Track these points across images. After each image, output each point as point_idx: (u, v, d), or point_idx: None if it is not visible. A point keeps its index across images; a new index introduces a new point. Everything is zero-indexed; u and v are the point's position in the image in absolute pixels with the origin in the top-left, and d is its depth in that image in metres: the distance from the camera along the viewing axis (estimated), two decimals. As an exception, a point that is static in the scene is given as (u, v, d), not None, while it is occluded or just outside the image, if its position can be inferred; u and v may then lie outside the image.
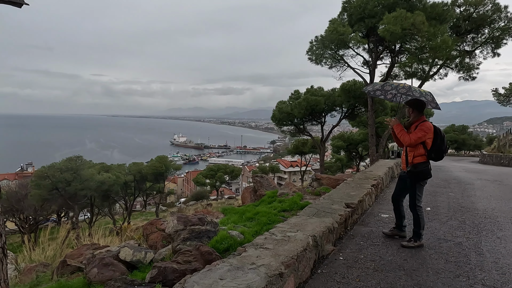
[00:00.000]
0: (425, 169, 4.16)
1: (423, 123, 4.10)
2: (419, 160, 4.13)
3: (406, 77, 19.57)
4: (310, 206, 5.12)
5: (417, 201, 4.32)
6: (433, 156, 4.14)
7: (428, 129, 4.05)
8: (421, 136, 4.04)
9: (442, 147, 4.10)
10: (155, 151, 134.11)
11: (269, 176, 66.44)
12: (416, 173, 4.18)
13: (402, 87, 4.29)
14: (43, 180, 26.07)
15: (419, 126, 4.09)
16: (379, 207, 6.30)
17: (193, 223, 5.96)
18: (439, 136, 4.09)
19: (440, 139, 4.09)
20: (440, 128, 4.19)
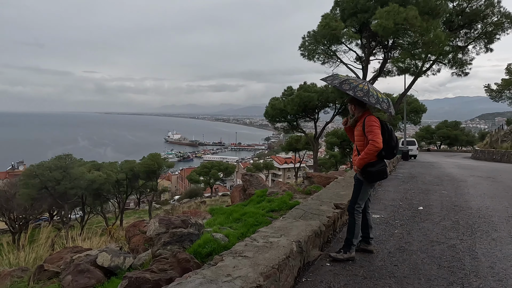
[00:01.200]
0: (381, 168, 3.64)
1: (369, 118, 3.62)
2: (371, 159, 3.65)
3: (399, 73, 19.42)
4: (297, 208, 4.87)
5: (357, 205, 3.76)
6: (383, 153, 3.63)
7: (374, 122, 3.58)
8: (376, 130, 3.54)
9: (391, 142, 3.63)
10: (149, 148, 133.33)
11: (260, 174, 66.56)
12: (372, 173, 3.63)
13: (360, 90, 3.51)
14: (31, 179, 25.57)
15: (367, 122, 3.60)
16: (370, 206, 6.05)
17: (176, 226, 5.69)
18: (386, 131, 3.62)
19: (388, 134, 3.62)
20: (386, 122, 3.72)
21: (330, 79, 3.85)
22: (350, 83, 3.61)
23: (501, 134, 31.55)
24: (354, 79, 3.74)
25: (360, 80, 3.77)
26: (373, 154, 3.58)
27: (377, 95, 3.64)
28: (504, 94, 32.84)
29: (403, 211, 5.82)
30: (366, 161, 3.64)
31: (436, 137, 55.70)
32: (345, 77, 3.77)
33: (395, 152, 3.72)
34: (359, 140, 3.74)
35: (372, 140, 3.55)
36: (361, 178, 3.75)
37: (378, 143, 3.51)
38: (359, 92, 3.54)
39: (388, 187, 8.08)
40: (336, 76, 3.92)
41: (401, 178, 9.98)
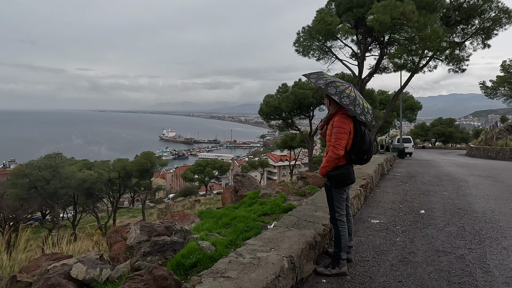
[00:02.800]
0: (344, 172, 3.25)
1: (340, 118, 3.21)
2: (337, 163, 3.27)
3: (395, 69, 19.06)
4: (290, 214, 4.46)
5: (337, 214, 3.38)
6: (353, 158, 3.26)
7: (343, 124, 3.17)
8: (340, 135, 3.15)
9: (363, 146, 3.21)
10: (143, 146, 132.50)
11: (255, 172, 65.92)
12: (333, 178, 3.27)
13: (346, 96, 3.09)
14: (20, 179, 24.93)
15: (335, 123, 3.21)
16: (369, 210, 5.68)
17: (159, 233, 5.25)
18: (358, 133, 3.21)
19: (359, 137, 3.20)
20: (362, 123, 3.25)
21: (314, 77, 3.39)
22: (336, 87, 3.18)
23: (496, 131, 31.45)
24: (340, 82, 3.27)
25: (346, 84, 3.29)
26: (334, 161, 3.24)
27: (363, 104, 3.24)
28: (499, 91, 32.71)
29: (403, 215, 5.44)
30: (328, 169, 3.29)
31: (431, 135, 55.72)
32: (331, 78, 3.32)
33: (366, 157, 3.28)
34: (329, 141, 3.32)
35: (333, 147, 3.20)
36: (327, 183, 3.41)
37: (338, 150, 3.17)
38: (346, 99, 3.12)
39: (387, 188, 7.70)
40: (321, 75, 3.42)
41: (399, 178, 9.63)
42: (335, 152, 3.17)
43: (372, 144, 3.33)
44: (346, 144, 3.21)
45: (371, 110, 3.36)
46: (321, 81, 3.29)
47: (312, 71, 3.56)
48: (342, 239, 3.33)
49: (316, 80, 3.34)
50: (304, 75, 3.51)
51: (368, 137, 3.28)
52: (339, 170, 3.26)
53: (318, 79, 3.34)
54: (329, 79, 3.30)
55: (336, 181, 3.28)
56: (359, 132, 3.23)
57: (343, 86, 3.21)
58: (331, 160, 3.23)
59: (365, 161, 3.33)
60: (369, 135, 3.35)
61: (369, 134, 3.34)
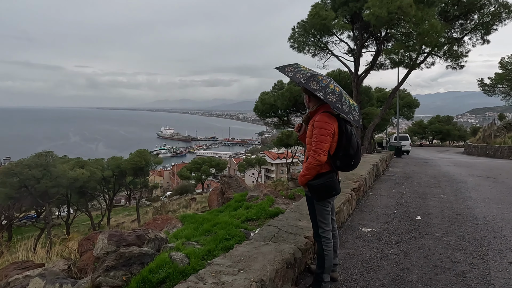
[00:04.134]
0: (326, 182, 2.76)
1: (322, 116, 2.72)
2: (319, 170, 2.77)
3: (393, 66, 18.58)
4: (269, 224, 3.98)
5: (320, 229, 2.89)
6: (338, 164, 2.78)
7: (326, 124, 2.68)
8: (322, 138, 2.67)
9: (350, 150, 2.72)
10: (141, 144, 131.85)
11: (250, 171, 65.31)
12: (314, 188, 2.77)
13: (331, 92, 2.63)
14: (10, 178, 24.35)
15: (316, 122, 2.72)
16: (360, 216, 5.22)
17: (129, 243, 4.77)
18: (344, 134, 2.72)
19: (346, 139, 2.71)
20: (348, 122, 2.76)
21: (290, 70, 2.84)
22: (319, 81, 2.68)
23: (494, 129, 31.08)
24: (321, 76, 2.77)
25: (327, 78, 2.78)
26: (315, 168, 2.74)
27: (348, 101, 2.75)
28: (497, 88, 32.35)
29: (398, 222, 4.98)
30: (308, 178, 2.79)
31: (428, 132, 55.41)
32: (310, 72, 2.81)
33: (353, 163, 2.80)
34: (309, 144, 2.81)
35: (314, 151, 2.71)
36: (308, 194, 2.92)
37: (320, 155, 2.68)
38: (331, 95, 2.63)
39: (381, 191, 7.23)
40: (298, 67, 2.88)
41: (395, 178, 9.17)
42: (316, 157, 2.68)
43: (360, 147, 2.85)
44: (329, 147, 2.72)
45: (357, 108, 2.88)
46: (299, 74, 2.76)
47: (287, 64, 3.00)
48: (326, 259, 2.85)
49: (293, 74, 2.79)
50: (277, 68, 2.93)
51: (355, 138, 2.79)
52: (321, 179, 2.77)
53: (296, 72, 2.80)
54: (308, 72, 2.80)
55: (318, 192, 2.78)
56: (345, 133, 2.73)
57: (326, 80, 2.72)
58: (312, 167, 2.74)
59: (352, 167, 2.85)
60: (357, 136, 2.86)
61: (356, 135, 2.85)
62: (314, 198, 2.84)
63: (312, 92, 2.66)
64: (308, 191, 2.87)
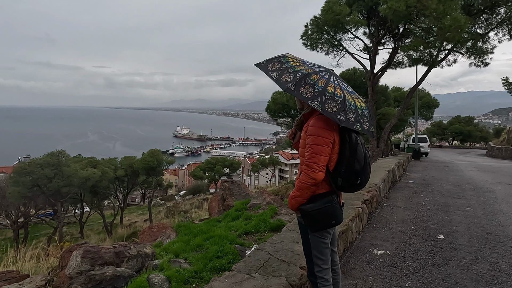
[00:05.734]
0: (324, 207, 2.08)
1: (317, 119, 2.06)
2: (315, 191, 2.10)
3: (411, 64, 17.58)
4: (259, 249, 3.35)
5: (316, 268, 2.21)
6: (339, 182, 2.09)
7: (322, 130, 2.02)
8: (318, 149, 2.01)
9: (354, 164, 2.05)
10: (157, 143, 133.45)
11: (263, 172, 64.87)
12: (308, 215, 2.10)
13: (330, 98, 1.96)
14: (22, 177, 24.53)
15: (310, 128, 2.07)
16: (372, 234, 4.52)
17: (105, 261, 4.23)
18: (348, 143, 2.06)
19: (350, 150, 2.06)
20: (352, 128, 2.02)
21: (274, 69, 2.09)
22: (312, 84, 1.98)
23: (520, 130, 29.46)
24: (316, 73, 2.05)
25: (323, 72, 2.07)
26: (309, 189, 2.06)
27: (355, 104, 2.06)
28: (524, 87, 30.64)
29: (416, 242, 4.26)
30: (300, 200, 2.11)
31: (448, 133, 53.43)
32: (301, 68, 2.06)
33: (360, 181, 2.10)
34: (303, 156, 2.14)
35: (307, 167, 2.04)
36: (301, 221, 2.23)
37: (315, 171, 2.01)
38: (330, 103, 1.95)
39: (397, 201, 6.48)
40: (285, 63, 2.12)
41: (412, 186, 8.37)
42: (310, 175, 2.02)
43: (368, 160, 2.14)
44: (327, 161, 2.06)
45: (366, 110, 2.18)
46: (287, 76, 2.03)
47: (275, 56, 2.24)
48: None
49: (278, 75, 2.04)
50: (258, 65, 2.18)
51: (362, 149, 2.10)
52: (317, 202, 2.09)
53: (282, 71, 2.06)
54: (299, 69, 2.07)
55: (313, 220, 2.10)
56: (349, 142, 2.06)
57: (323, 80, 2.01)
58: (305, 187, 2.05)
59: (358, 187, 2.15)
60: (364, 146, 2.16)
61: (363, 145, 2.15)
62: (309, 228, 2.17)
63: (305, 101, 1.97)
64: (300, 217, 2.20)
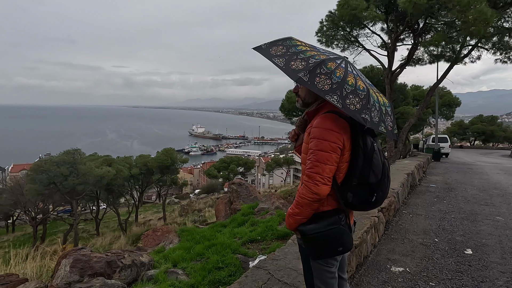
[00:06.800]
0: (329, 230, 1.63)
1: (322, 119, 1.61)
2: (318, 208, 1.67)
3: (432, 60, 16.78)
4: (259, 267, 2.94)
5: None
6: (349, 199, 1.64)
7: (329, 133, 1.57)
8: (322, 156, 1.57)
9: (369, 176, 1.61)
10: (173, 141, 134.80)
11: (278, 171, 64.60)
12: (308, 239, 1.67)
13: (352, 92, 1.51)
14: (39, 174, 24.92)
15: (313, 129, 1.62)
16: (390, 247, 4.04)
17: (95, 271, 3.92)
18: (361, 149, 1.61)
19: (365, 158, 1.61)
20: (368, 129, 1.62)
21: (280, 54, 1.60)
22: (330, 74, 1.51)
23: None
24: (331, 60, 1.57)
25: (340, 61, 1.60)
26: (310, 205, 1.61)
27: (378, 101, 1.62)
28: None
29: (441, 257, 3.77)
30: (299, 219, 1.66)
31: (469, 133, 51.55)
32: (313, 53, 1.59)
33: (376, 198, 1.64)
34: (304, 163, 1.68)
35: (308, 178, 1.60)
36: (301, 244, 1.79)
37: (318, 184, 1.57)
38: (353, 99, 1.50)
39: (417, 208, 5.94)
40: (293, 46, 1.64)
41: (434, 190, 7.78)
42: (312, 188, 1.58)
43: (388, 172, 1.67)
44: (335, 171, 1.62)
45: (390, 108, 1.73)
46: (297, 63, 1.55)
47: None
48: None
49: (286, 62, 1.56)
50: (256, 49, 1.66)
51: (380, 158, 1.64)
52: (320, 223, 1.64)
53: (291, 58, 1.57)
54: (310, 53, 1.59)
55: (315, 245, 1.66)
56: (363, 149, 1.61)
57: (340, 68, 1.55)
58: (305, 204, 1.61)
59: (373, 206, 1.68)
60: (383, 154, 1.69)
61: (382, 153, 1.68)
62: (310, 255, 1.74)
63: (322, 96, 1.49)
64: (300, 239, 1.75)
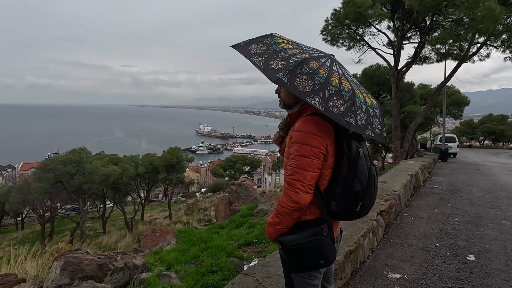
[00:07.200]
0: (310, 242, 1.49)
1: (304, 122, 1.49)
2: (299, 217, 1.53)
3: (439, 58, 16.48)
4: (247, 273, 2.83)
5: None
6: (333, 207, 1.50)
7: (311, 137, 1.44)
8: (302, 161, 1.44)
9: (355, 185, 1.47)
10: (181, 140, 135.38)
11: (283, 170, 65.58)
12: (288, 250, 1.53)
13: (335, 93, 1.39)
14: (46, 173, 25.18)
15: (294, 133, 1.50)
16: (388, 252, 3.91)
17: (86, 274, 3.85)
18: (345, 155, 1.48)
19: (349, 165, 1.48)
20: (360, 136, 1.54)
21: (259, 52, 1.49)
22: (312, 74, 1.39)
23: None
24: (313, 58, 1.45)
25: (324, 59, 1.48)
26: (290, 215, 1.48)
27: (364, 100, 1.50)
28: None
29: (441, 264, 3.62)
30: (279, 229, 1.52)
31: (479, 132, 50.77)
32: (294, 51, 1.48)
33: (361, 208, 1.51)
34: (286, 169, 1.56)
35: (288, 186, 1.47)
36: (282, 255, 1.64)
37: (298, 192, 1.44)
38: (336, 101, 1.37)
39: (420, 211, 5.78)
40: (273, 43, 1.53)
41: (438, 192, 7.59)
42: (292, 197, 1.45)
43: (374, 179, 1.53)
44: (318, 178, 1.49)
45: (378, 109, 1.59)
46: (277, 62, 1.43)
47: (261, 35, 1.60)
48: None
49: (265, 61, 1.45)
50: (235, 47, 1.56)
51: (366, 163, 1.50)
52: (301, 233, 1.50)
53: (270, 57, 1.46)
54: (291, 53, 1.46)
55: (294, 257, 1.53)
56: (348, 155, 1.48)
57: (323, 67, 1.43)
58: (285, 213, 1.48)
59: (358, 215, 1.55)
60: (369, 159, 1.55)
61: (368, 158, 1.54)
62: (290, 268, 1.61)
63: (302, 98, 1.37)
64: (281, 249, 1.60)
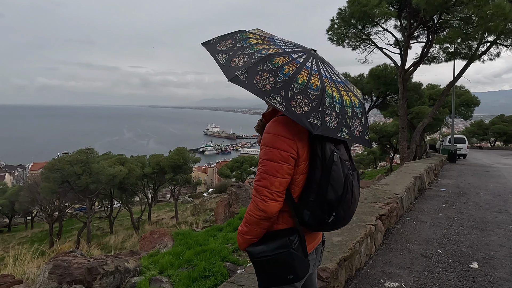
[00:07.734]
0: (278, 255, 1.34)
1: (274, 123, 1.33)
2: (270, 226, 1.39)
3: (447, 58, 16.14)
4: (232, 282, 2.71)
5: None
6: (306, 218, 1.33)
7: (280, 140, 1.29)
8: (270, 166, 1.29)
9: (328, 193, 1.28)
10: (188, 140, 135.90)
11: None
12: (255, 262, 1.41)
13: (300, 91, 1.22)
14: (53, 173, 25.41)
15: (265, 135, 1.34)
16: (387, 258, 3.75)
17: (75, 278, 3.77)
18: (320, 161, 1.30)
19: (322, 170, 1.29)
20: (334, 140, 1.33)
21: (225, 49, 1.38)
22: (275, 71, 1.24)
23: None
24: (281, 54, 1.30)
25: (296, 54, 1.33)
26: (258, 224, 1.35)
27: (340, 99, 1.33)
28: None
29: (442, 271, 3.45)
30: (248, 238, 1.40)
31: (490, 133, 49.86)
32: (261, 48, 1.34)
33: (334, 218, 1.32)
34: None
35: (256, 192, 1.33)
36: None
37: (265, 200, 1.30)
38: (301, 100, 1.21)
39: (423, 214, 5.59)
40: (241, 40, 1.40)
41: (444, 195, 7.36)
42: (259, 204, 1.31)
43: (352, 188, 1.35)
44: (290, 184, 1.34)
45: (360, 109, 1.42)
46: (239, 59, 1.31)
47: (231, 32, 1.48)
48: None
49: (228, 59, 1.34)
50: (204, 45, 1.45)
51: (342, 169, 1.32)
52: (270, 244, 1.36)
53: (234, 54, 1.35)
54: (257, 49, 1.34)
55: (261, 271, 1.41)
56: (321, 159, 1.31)
57: (292, 64, 1.28)
58: (253, 222, 1.35)
59: (331, 227, 1.37)
60: (346, 165, 1.36)
61: (345, 163, 1.35)
62: (259, 281, 1.46)
63: (261, 97, 1.24)
64: (252, 262, 1.45)
